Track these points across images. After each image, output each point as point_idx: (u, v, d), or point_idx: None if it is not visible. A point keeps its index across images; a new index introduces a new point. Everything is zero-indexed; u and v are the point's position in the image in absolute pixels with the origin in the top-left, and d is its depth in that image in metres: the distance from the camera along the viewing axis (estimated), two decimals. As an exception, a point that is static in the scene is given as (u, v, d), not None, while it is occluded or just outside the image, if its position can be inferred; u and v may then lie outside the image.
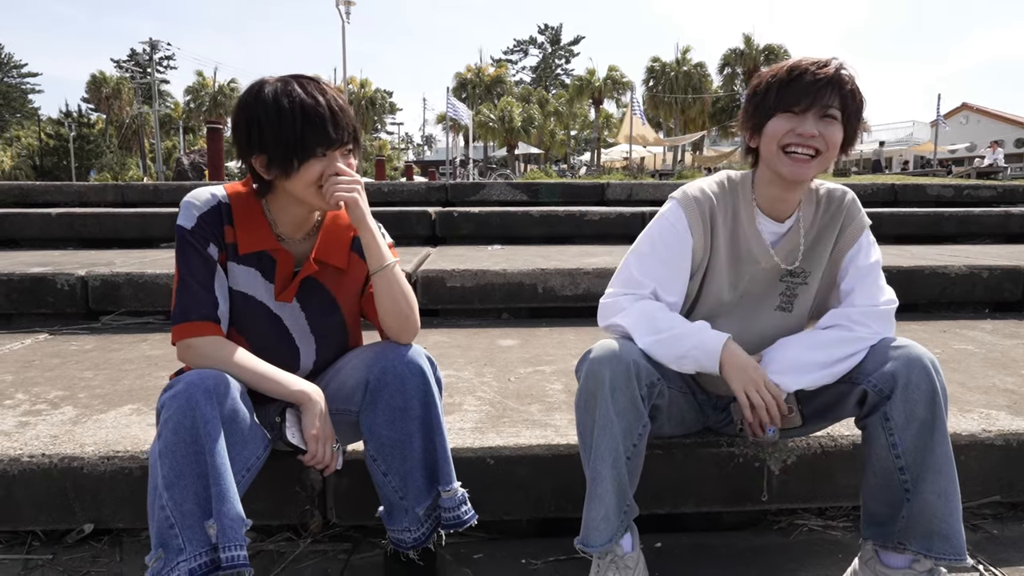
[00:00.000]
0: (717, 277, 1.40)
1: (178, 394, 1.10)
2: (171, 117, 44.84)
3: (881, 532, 1.29)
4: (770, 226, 1.40)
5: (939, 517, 1.21)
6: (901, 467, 1.24)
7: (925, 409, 1.21)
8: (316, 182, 1.23)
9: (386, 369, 1.28)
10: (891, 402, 1.22)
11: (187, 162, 15.30)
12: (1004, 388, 1.96)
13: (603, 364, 1.23)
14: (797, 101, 1.26)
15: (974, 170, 17.83)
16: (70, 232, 4.57)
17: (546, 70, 66.78)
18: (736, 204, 1.40)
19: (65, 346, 2.55)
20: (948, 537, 1.21)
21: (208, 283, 1.25)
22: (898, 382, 1.22)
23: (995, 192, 6.36)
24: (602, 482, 1.24)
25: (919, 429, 1.21)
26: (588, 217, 4.68)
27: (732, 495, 1.58)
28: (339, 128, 1.22)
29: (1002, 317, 3.11)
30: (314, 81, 1.24)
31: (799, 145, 1.26)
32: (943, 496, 1.21)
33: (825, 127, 1.26)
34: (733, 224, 1.40)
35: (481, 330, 2.86)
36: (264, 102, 1.20)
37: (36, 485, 1.45)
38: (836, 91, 1.25)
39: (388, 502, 1.33)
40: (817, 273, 1.42)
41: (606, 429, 1.23)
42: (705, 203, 1.37)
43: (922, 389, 1.21)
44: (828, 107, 1.26)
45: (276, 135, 1.19)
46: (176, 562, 1.05)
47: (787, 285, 1.42)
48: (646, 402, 1.26)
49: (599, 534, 1.24)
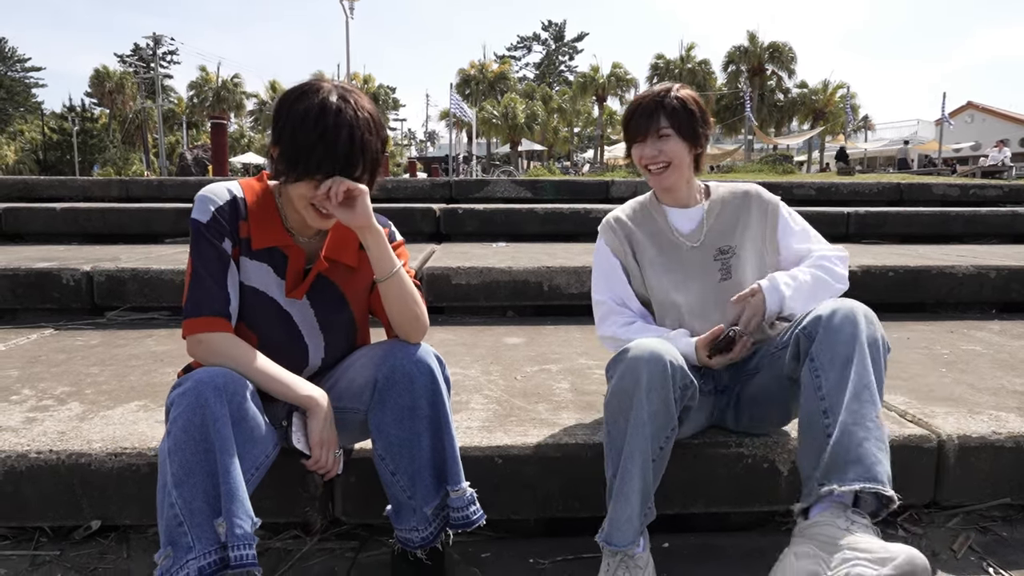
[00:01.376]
0: (656, 272, 1.58)
1: (187, 392, 1.09)
2: (174, 112, 44.85)
3: (807, 486, 1.24)
4: (681, 212, 1.63)
5: (854, 444, 1.16)
6: (824, 409, 1.23)
7: (846, 347, 1.24)
8: (307, 199, 1.22)
9: (395, 368, 1.27)
10: (815, 342, 1.28)
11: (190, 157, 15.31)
12: (1013, 390, 1.95)
13: (641, 363, 1.24)
14: (636, 133, 1.54)
15: (979, 169, 17.76)
16: (74, 227, 4.57)
17: (550, 67, 66.62)
18: (648, 210, 1.65)
19: (71, 341, 2.55)
20: (863, 461, 1.15)
21: (221, 278, 1.24)
22: (821, 323, 1.28)
23: (1002, 192, 6.34)
24: (630, 481, 1.24)
25: (841, 366, 1.24)
26: (593, 214, 4.67)
27: (741, 496, 1.57)
28: (349, 163, 1.19)
29: (1010, 318, 3.09)
30: (351, 103, 1.20)
31: (652, 163, 1.53)
32: (859, 423, 1.18)
33: (664, 144, 1.51)
34: (651, 225, 1.63)
35: (486, 328, 2.85)
36: (296, 111, 1.19)
37: (44, 481, 1.45)
38: (657, 114, 1.51)
39: (396, 501, 1.32)
40: (745, 247, 1.58)
41: (639, 430, 1.23)
42: (616, 224, 1.64)
43: (845, 328, 1.26)
44: (659, 128, 1.50)
45: (291, 144, 1.19)
46: (185, 560, 1.04)
47: (721, 263, 1.58)
48: (678, 404, 1.27)
49: (623, 534, 1.25)
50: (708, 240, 1.59)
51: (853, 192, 6.11)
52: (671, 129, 1.51)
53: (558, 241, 4.53)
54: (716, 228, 1.60)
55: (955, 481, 1.60)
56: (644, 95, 1.56)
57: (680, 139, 1.51)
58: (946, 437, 1.59)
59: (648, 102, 1.52)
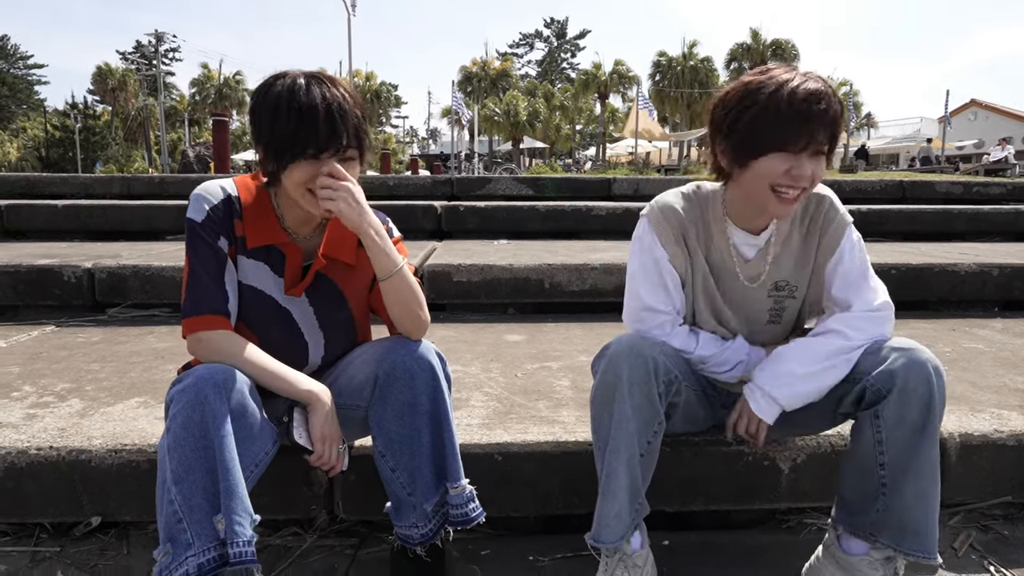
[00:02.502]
0: (704, 295, 1.39)
1: (187, 388, 1.09)
2: (176, 109, 44.88)
3: (851, 520, 1.31)
4: (745, 238, 1.37)
5: (914, 517, 1.22)
6: (882, 463, 1.24)
7: (918, 413, 1.20)
8: (305, 184, 1.21)
9: (395, 364, 1.27)
10: (886, 401, 1.21)
11: (192, 155, 15.31)
12: (1015, 388, 1.94)
13: (622, 359, 1.23)
14: (796, 139, 1.16)
15: (982, 167, 17.70)
16: (76, 224, 4.57)
17: (552, 64, 66.53)
18: (707, 218, 1.37)
19: (72, 338, 2.55)
20: (920, 535, 1.22)
21: (219, 276, 1.24)
22: (896, 383, 1.20)
23: (1005, 189, 6.31)
24: (616, 479, 1.23)
25: (909, 431, 1.21)
26: (595, 212, 4.66)
27: (741, 493, 1.57)
28: (333, 132, 1.18)
29: (1012, 316, 3.08)
30: (325, 82, 1.21)
31: (790, 187, 1.20)
32: (922, 498, 1.22)
33: (816, 164, 1.20)
34: (706, 239, 1.37)
35: (487, 325, 2.85)
36: (270, 96, 1.19)
37: (44, 477, 1.45)
38: (829, 127, 1.18)
39: (396, 498, 1.32)
40: (803, 286, 1.40)
41: (622, 425, 1.22)
42: (673, 217, 1.35)
43: (919, 393, 1.19)
44: (822, 144, 1.19)
45: (271, 131, 1.18)
46: (184, 557, 1.04)
47: (775, 300, 1.39)
48: (663, 399, 1.26)
49: (611, 531, 1.24)
50: (768, 276, 1.38)
51: (856, 189, 6.09)
52: (827, 145, 1.20)
53: (560, 239, 4.52)
54: (779, 260, 1.37)
55: (956, 479, 1.59)
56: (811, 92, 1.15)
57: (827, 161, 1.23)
58: (947, 435, 1.59)
59: (818, 102, 1.15)
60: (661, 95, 39.01)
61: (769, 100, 1.16)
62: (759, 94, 1.18)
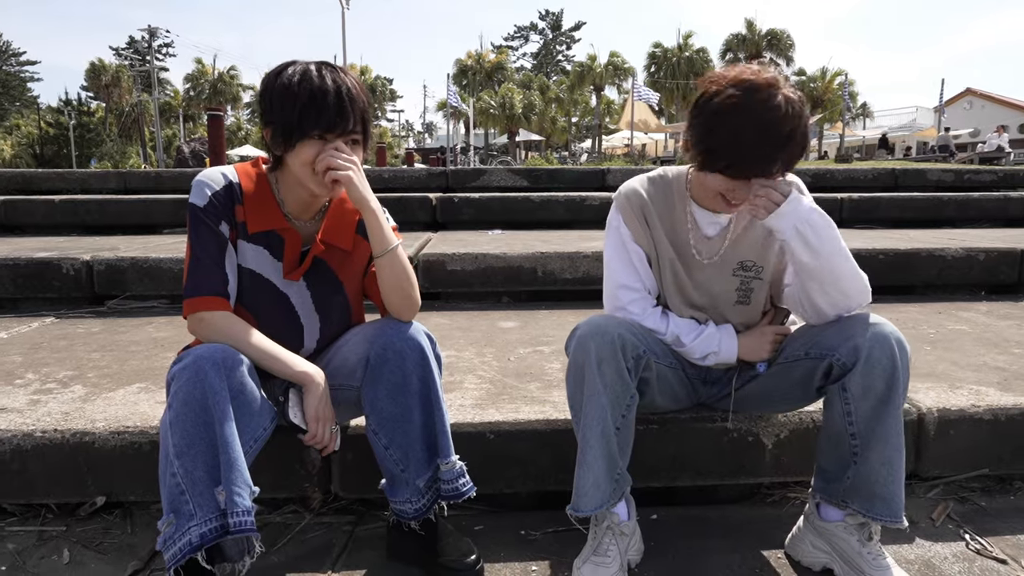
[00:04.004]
0: (670, 275, 1.45)
1: (188, 366, 1.14)
2: (171, 105, 44.70)
3: (827, 488, 1.37)
4: (707, 216, 1.43)
5: (881, 482, 1.28)
6: (852, 433, 1.30)
7: (883, 384, 1.25)
8: (311, 163, 1.25)
9: (386, 345, 1.31)
10: (851, 374, 1.27)
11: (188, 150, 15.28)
12: (995, 366, 2.00)
13: (589, 338, 1.28)
14: (751, 170, 1.22)
15: (977, 155, 17.74)
16: (73, 218, 4.60)
17: (547, 56, 66.32)
18: (671, 198, 1.44)
19: (72, 329, 2.59)
20: (887, 500, 1.29)
21: (220, 259, 1.28)
22: (860, 356, 1.26)
23: (995, 177, 6.36)
24: (591, 450, 1.28)
25: (874, 402, 1.27)
26: (588, 202, 4.70)
27: (726, 469, 1.62)
28: (341, 114, 1.24)
29: (998, 299, 3.13)
30: (334, 69, 1.27)
31: (733, 201, 1.30)
32: (887, 464, 1.28)
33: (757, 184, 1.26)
34: (670, 218, 1.44)
35: (482, 312, 2.89)
36: (282, 78, 1.24)
37: (49, 459, 1.49)
38: (784, 152, 1.20)
39: (390, 474, 1.37)
40: (769, 267, 1.44)
41: (593, 399, 1.27)
42: (635, 199, 1.44)
43: (883, 364, 1.25)
44: (778, 172, 1.24)
45: (282, 111, 1.24)
46: (187, 527, 1.09)
47: (741, 280, 1.44)
48: (633, 374, 1.30)
49: (588, 499, 1.29)
50: (728, 254, 1.43)
51: (848, 178, 6.13)
52: (785, 171, 1.25)
53: (554, 229, 4.56)
54: (742, 239, 1.43)
55: (935, 453, 1.64)
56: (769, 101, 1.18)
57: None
58: (926, 410, 1.64)
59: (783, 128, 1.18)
60: (657, 86, 38.89)
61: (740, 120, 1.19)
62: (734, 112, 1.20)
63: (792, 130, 1.19)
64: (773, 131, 1.18)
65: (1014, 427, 1.65)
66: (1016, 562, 1.40)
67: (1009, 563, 1.40)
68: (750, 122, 1.18)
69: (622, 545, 1.32)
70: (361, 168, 1.30)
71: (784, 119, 1.18)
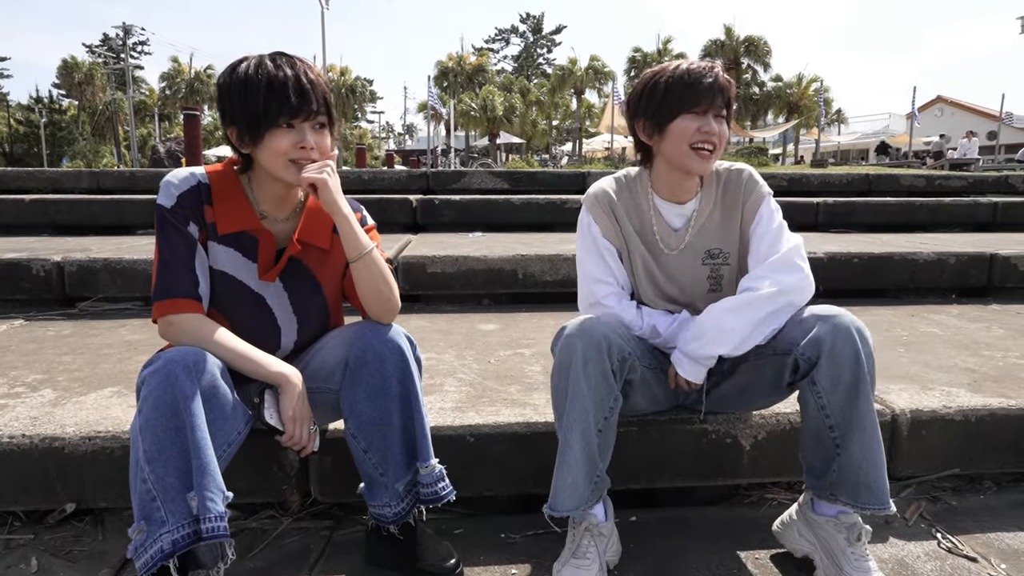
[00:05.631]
0: (641, 269, 1.49)
1: (158, 370, 1.11)
2: (146, 104, 43.92)
3: (817, 484, 1.38)
4: (671, 208, 1.49)
5: (864, 470, 1.30)
6: (831, 426, 1.32)
7: (850, 373, 1.27)
8: (285, 154, 1.24)
9: (365, 348, 1.30)
10: (817, 368, 1.30)
11: (163, 150, 15.03)
12: (966, 367, 2.04)
13: (576, 338, 1.29)
14: (698, 102, 1.36)
15: (948, 161, 18.12)
16: (44, 218, 4.49)
17: (528, 59, 66.47)
18: (636, 195, 1.51)
19: (42, 332, 2.53)
20: (871, 487, 1.30)
21: (188, 261, 1.26)
22: (823, 349, 1.28)
23: (965, 183, 6.51)
24: (571, 451, 1.28)
25: (845, 392, 1.28)
26: (569, 205, 4.71)
27: (705, 470, 1.63)
28: (303, 98, 1.22)
29: (968, 302, 3.20)
30: (289, 57, 1.26)
31: (705, 142, 1.37)
32: (867, 451, 1.30)
33: (720, 125, 1.39)
34: (637, 213, 1.50)
35: (462, 315, 2.88)
36: (237, 76, 1.22)
37: (16, 466, 1.46)
38: (723, 95, 1.38)
39: (369, 478, 1.36)
40: (735, 252, 1.49)
41: (576, 400, 1.27)
42: (604, 198, 1.50)
43: (846, 354, 1.27)
44: (720, 108, 1.38)
45: (243, 105, 1.21)
46: (159, 534, 1.07)
47: (711, 268, 1.49)
48: (617, 376, 1.31)
49: (566, 500, 1.29)
50: (694, 242, 1.48)
51: (824, 183, 6.23)
52: (726, 112, 1.40)
53: (535, 231, 4.57)
54: (707, 228, 1.48)
55: (907, 453, 1.67)
56: (696, 64, 1.39)
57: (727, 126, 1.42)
58: (899, 411, 1.67)
59: (710, 74, 1.37)
60: (637, 91, 39.12)
61: (672, 75, 1.38)
62: (662, 73, 1.40)
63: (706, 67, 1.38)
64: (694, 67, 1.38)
65: (983, 427, 1.68)
66: (986, 559, 1.43)
67: (979, 560, 1.43)
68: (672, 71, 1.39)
69: (601, 546, 1.32)
70: (335, 171, 1.29)
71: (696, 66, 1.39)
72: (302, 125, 1.24)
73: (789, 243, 1.41)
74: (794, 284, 1.35)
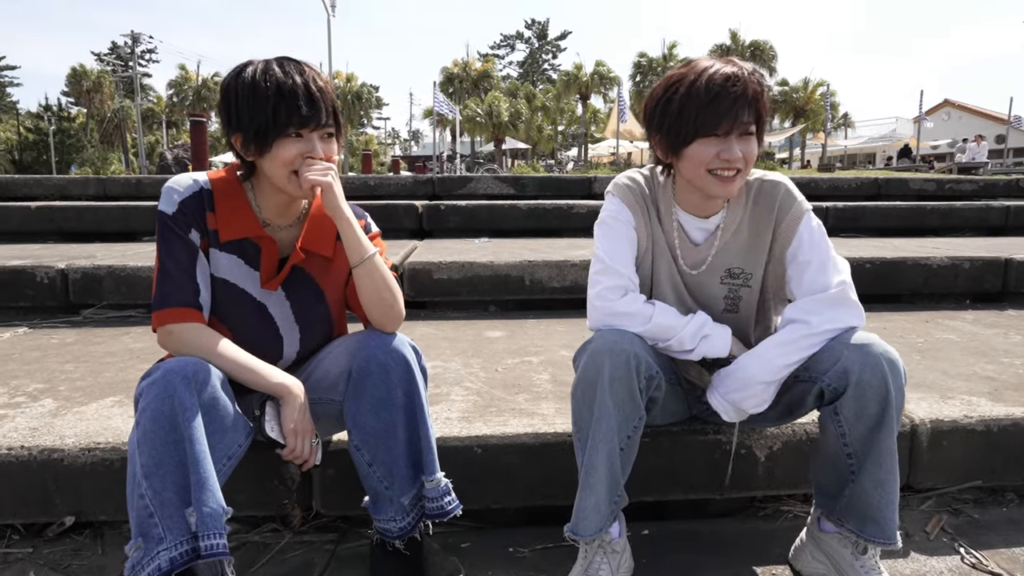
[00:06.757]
0: (659, 284, 1.39)
1: (156, 381, 1.08)
2: (154, 111, 44.24)
3: (827, 504, 1.35)
4: (694, 222, 1.37)
5: (874, 505, 1.25)
6: (848, 453, 1.27)
7: (876, 407, 1.20)
8: (291, 164, 1.21)
9: (369, 358, 1.27)
10: (843, 399, 1.22)
11: (170, 156, 15.10)
12: (985, 375, 1.99)
13: (603, 355, 1.21)
14: (717, 124, 1.20)
15: (955, 165, 18.01)
16: (50, 225, 4.50)
17: (533, 65, 66.66)
18: (657, 202, 1.39)
19: (45, 339, 2.51)
20: (879, 522, 1.26)
21: (190, 269, 1.23)
22: (850, 380, 1.20)
23: (976, 186, 6.44)
24: (595, 472, 1.23)
25: (868, 424, 1.22)
26: (575, 210, 4.68)
27: (719, 482, 1.58)
28: (313, 107, 1.19)
29: (983, 307, 3.15)
30: (296, 63, 1.23)
31: (725, 169, 1.23)
32: (880, 487, 1.24)
33: (745, 145, 1.23)
34: (658, 222, 1.38)
35: (468, 322, 2.85)
36: (243, 81, 1.19)
37: (15, 478, 1.43)
38: (752, 108, 1.22)
39: (373, 492, 1.32)
40: (758, 273, 1.38)
41: (602, 420, 1.21)
42: (636, 187, 1.38)
43: (874, 387, 1.19)
44: (748, 124, 1.22)
45: (251, 112, 1.18)
46: (156, 551, 1.03)
47: (729, 288, 1.38)
48: (644, 394, 1.25)
49: (589, 523, 1.25)
50: (715, 262, 1.37)
51: (832, 187, 6.18)
52: (755, 126, 1.23)
53: (541, 236, 4.54)
54: (730, 246, 1.37)
55: (928, 465, 1.62)
56: (728, 75, 1.19)
57: (757, 141, 1.26)
58: (919, 422, 1.62)
59: (736, 84, 1.19)
60: (642, 96, 39.16)
61: (689, 89, 1.21)
62: (680, 85, 1.23)
63: (732, 75, 1.20)
64: (716, 76, 1.20)
65: (1006, 438, 1.63)
66: (1012, 576, 1.38)
67: (1005, 577, 1.38)
68: (690, 83, 1.21)
69: (613, 563, 1.28)
70: (338, 176, 1.26)
71: (719, 72, 1.20)
72: (311, 135, 1.21)
73: (838, 274, 1.28)
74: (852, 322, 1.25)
